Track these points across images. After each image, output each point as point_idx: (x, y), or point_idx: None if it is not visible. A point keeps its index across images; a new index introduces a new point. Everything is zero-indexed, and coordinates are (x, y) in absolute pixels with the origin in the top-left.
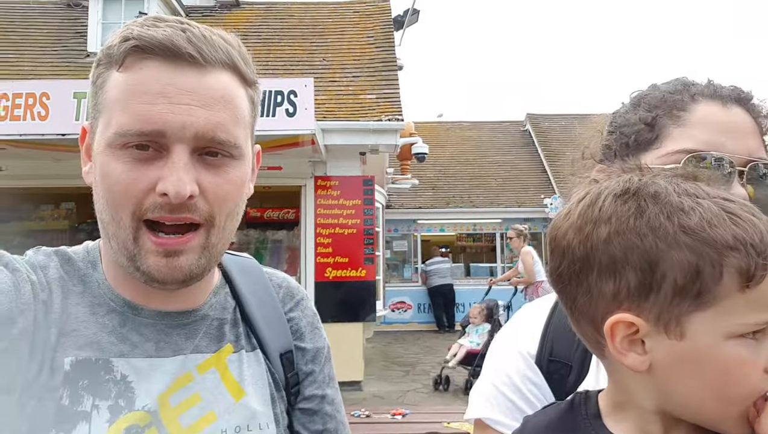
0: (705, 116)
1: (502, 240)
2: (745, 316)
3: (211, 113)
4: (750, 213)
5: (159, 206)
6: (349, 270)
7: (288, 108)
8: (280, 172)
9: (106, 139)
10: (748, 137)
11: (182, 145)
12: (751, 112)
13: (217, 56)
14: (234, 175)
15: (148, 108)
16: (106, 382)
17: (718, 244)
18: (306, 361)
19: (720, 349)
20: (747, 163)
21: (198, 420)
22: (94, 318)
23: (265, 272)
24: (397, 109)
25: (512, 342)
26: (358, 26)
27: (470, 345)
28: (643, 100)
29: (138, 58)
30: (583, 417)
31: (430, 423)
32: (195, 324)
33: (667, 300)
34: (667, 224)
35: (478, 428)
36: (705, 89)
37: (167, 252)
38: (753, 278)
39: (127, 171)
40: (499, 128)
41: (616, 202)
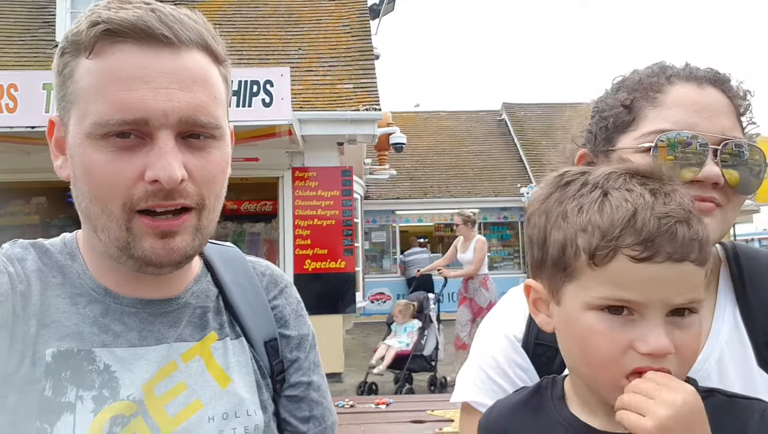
0: (680, 97)
1: (480, 230)
2: (596, 290)
3: (191, 95)
4: (630, 203)
5: (151, 194)
6: (328, 262)
7: (264, 98)
8: (256, 164)
9: (84, 130)
10: (721, 116)
11: (166, 130)
12: (726, 93)
13: (189, 35)
14: (217, 155)
15: (128, 94)
16: (90, 373)
17: (576, 227)
18: (291, 349)
19: (579, 317)
20: (720, 141)
21: (184, 408)
22: (75, 308)
23: (249, 260)
24: (374, 98)
25: (499, 326)
26: (334, 15)
27: (399, 346)
28: (622, 84)
29: (109, 42)
30: (548, 398)
31: (415, 411)
32: (177, 312)
33: (550, 271)
34: (556, 209)
35: (464, 411)
36: (681, 71)
37: (163, 233)
38: (595, 257)
39: (111, 161)
40: (476, 118)
41: (544, 186)
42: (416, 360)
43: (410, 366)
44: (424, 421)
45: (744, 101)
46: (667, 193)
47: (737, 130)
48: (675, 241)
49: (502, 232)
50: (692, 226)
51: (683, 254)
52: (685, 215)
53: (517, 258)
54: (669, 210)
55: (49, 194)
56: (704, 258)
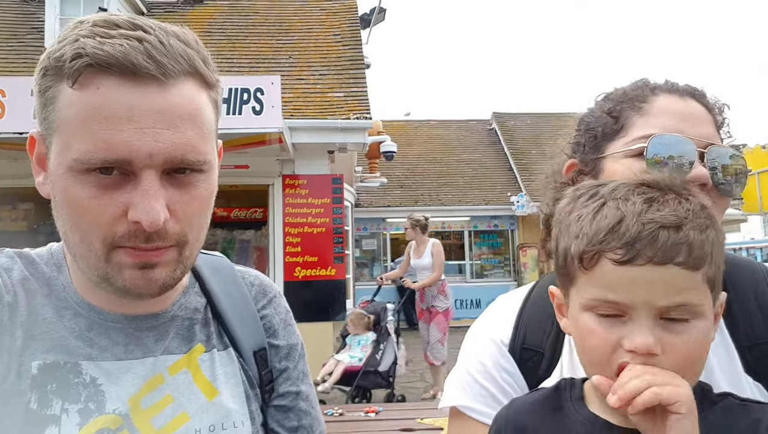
0: (665, 106)
1: (470, 238)
2: (588, 292)
3: (179, 134)
4: (621, 211)
5: (133, 234)
6: (318, 270)
7: (254, 106)
8: (247, 171)
9: (66, 162)
10: (704, 125)
11: (150, 170)
12: (705, 105)
13: (178, 67)
14: (203, 188)
15: (112, 134)
16: (76, 385)
17: (572, 234)
18: (280, 358)
19: (579, 318)
20: (706, 146)
21: (171, 421)
22: (61, 321)
23: (237, 270)
24: (365, 107)
25: (486, 331)
26: (325, 24)
27: (350, 361)
28: (607, 98)
29: (93, 75)
30: (567, 398)
31: (404, 419)
32: (164, 325)
33: (561, 278)
34: (566, 219)
35: (453, 416)
36: (663, 85)
37: (143, 264)
38: (583, 260)
39: (93, 197)
40: (466, 126)
41: (566, 199)
42: (369, 376)
43: (361, 382)
44: (414, 430)
45: (720, 116)
46: (666, 201)
47: (718, 139)
48: (655, 245)
49: (493, 241)
50: (682, 231)
51: (665, 257)
52: (675, 221)
53: (507, 267)
54: (657, 216)
55: (36, 200)
56: (696, 262)
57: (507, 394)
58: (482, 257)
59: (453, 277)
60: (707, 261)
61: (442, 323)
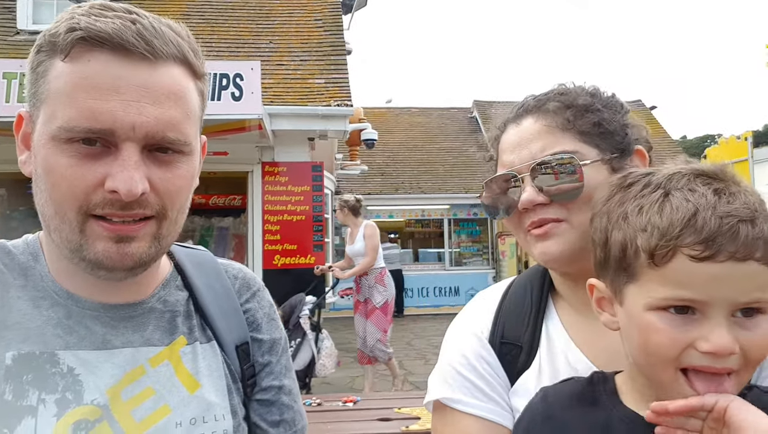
0: (505, 144)
1: (450, 226)
2: (657, 291)
3: (162, 110)
4: (692, 203)
5: (108, 202)
6: (297, 258)
7: (234, 91)
8: (225, 158)
9: (50, 131)
10: (531, 144)
11: (132, 143)
12: (540, 118)
13: (167, 50)
14: (184, 170)
15: (98, 104)
16: (53, 376)
17: (635, 227)
18: (262, 352)
19: (642, 317)
20: (529, 167)
21: (152, 413)
22: (38, 311)
23: (220, 263)
24: (346, 94)
25: (467, 325)
26: (306, 9)
27: None
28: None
29: (85, 49)
30: (601, 392)
31: (382, 409)
32: (142, 316)
33: (612, 272)
34: (618, 210)
35: (437, 410)
36: (513, 114)
37: (118, 237)
38: (655, 256)
39: (72, 166)
40: (447, 114)
41: (606, 187)
42: None
43: None
44: (391, 419)
45: (567, 110)
46: (733, 192)
47: (557, 145)
48: (737, 240)
49: (472, 229)
50: (757, 225)
51: (746, 253)
52: (749, 214)
53: (486, 254)
54: (732, 209)
55: (9, 186)
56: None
57: (489, 384)
58: (461, 245)
59: (432, 265)
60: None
61: (380, 321)
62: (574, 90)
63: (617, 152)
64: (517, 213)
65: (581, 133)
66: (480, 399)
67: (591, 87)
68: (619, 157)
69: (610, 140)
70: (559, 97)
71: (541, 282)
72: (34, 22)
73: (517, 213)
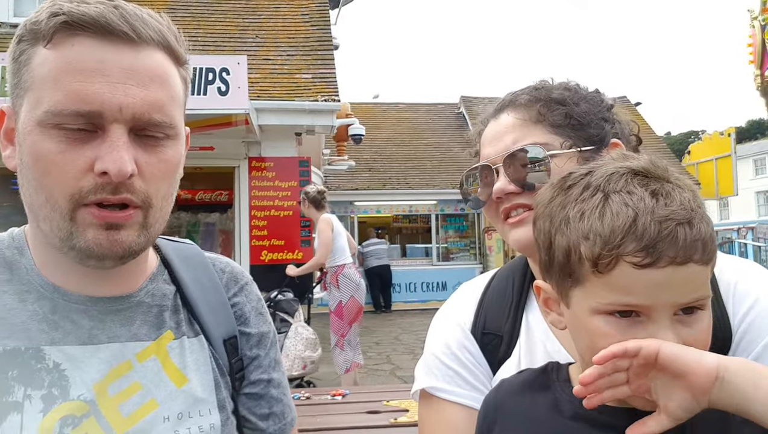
0: (485, 137)
1: (437, 221)
2: (602, 296)
3: (148, 92)
4: (631, 208)
5: (100, 187)
6: (285, 253)
7: (220, 86)
8: (212, 153)
9: (36, 117)
10: (505, 137)
11: (119, 125)
12: (514, 112)
13: (150, 34)
14: (170, 154)
15: (85, 86)
16: (38, 371)
17: (578, 234)
18: (251, 346)
19: (588, 321)
20: (501, 158)
21: (139, 408)
22: (23, 305)
23: (208, 257)
24: (333, 89)
25: (450, 316)
26: (293, 3)
27: None
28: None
29: (68, 34)
30: (554, 380)
31: (371, 402)
32: (130, 310)
33: (557, 275)
34: (560, 213)
35: (422, 398)
36: (492, 110)
37: (108, 225)
38: (598, 265)
39: (61, 151)
40: (435, 110)
41: (548, 188)
42: None
43: None
44: (380, 412)
45: (538, 104)
46: (668, 192)
47: (528, 137)
48: (676, 245)
49: (459, 224)
50: (694, 226)
51: (686, 256)
52: (686, 215)
53: (473, 249)
54: (670, 212)
55: None
56: (709, 256)
57: (472, 373)
58: (449, 240)
59: (420, 260)
60: (714, 253)
61: (335, 324)
62: (551, 85)
63: (590, 144)
64: (493, 202)
65: (553, 125)
66: (463, 388)
67: (572, 83)
68: (593, 149)
69: (582, 132)
70: (533, 92)
71: (522, 273)
72: (15, 15)
73: (493, 202)
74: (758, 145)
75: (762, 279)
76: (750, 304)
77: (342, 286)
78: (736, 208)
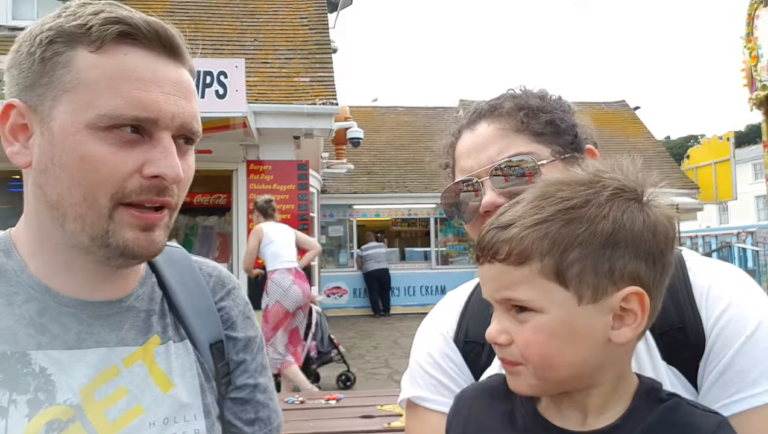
0: (461, 150)
1: (436, 225)
2: None
3: (190, 104)
4: (496, 218)
5: (146, 189)
6: None
7: (218, 89)
8: (209, 156)
9: (86, 119)
10: (487, 148)
11: (168, 132)
12: (495, 121)
13: (184, 52)
14: (192, 160)
15: (143, 94)
16: (24, 376)
17: None
18: (237, 351)
19: None
20: (489, 171)
21: (125, 414)
22: (10, 308)
23: (195, 261)
24: (331, 92)
25: (434, 325)
26: (291, 6)
27: None
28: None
29: (120, 42)
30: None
31: (364, 406)
32: (119, 315)
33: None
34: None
35: (408, 408)
36: (466, 120)
37: (146, 225)
38: None
39: (113, 153)
40: (434, 114)
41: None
42: None
43: None
44: (374, 416)
45: (536, 113)
46: (538, 206)
47: (512, 147)
48: (481, 244)
49: (458, 228)
50: (505, 232)
51: (491, 256)
52: (507, 222)
53: (472, 253)
54: (498, 220)
55: None
56: (515, 259)
57: (455, 382)
58: (447, 244)
59: (419, 264)
60: (523, 260)
61: (263, 327)
62: (525, 93)
63: (570, 151)
64: (480, 217)
65: (535, 133)
66: (446, 396)
67: (539, 90)
68: (572, 156)
69: (562, 139)
70: (512, 99)
71: None
72: (14, 18)
73: (479, 217)
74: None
75: (735, 283)
76: (723, 308)
77: (270, 291)
78: (735, 212)
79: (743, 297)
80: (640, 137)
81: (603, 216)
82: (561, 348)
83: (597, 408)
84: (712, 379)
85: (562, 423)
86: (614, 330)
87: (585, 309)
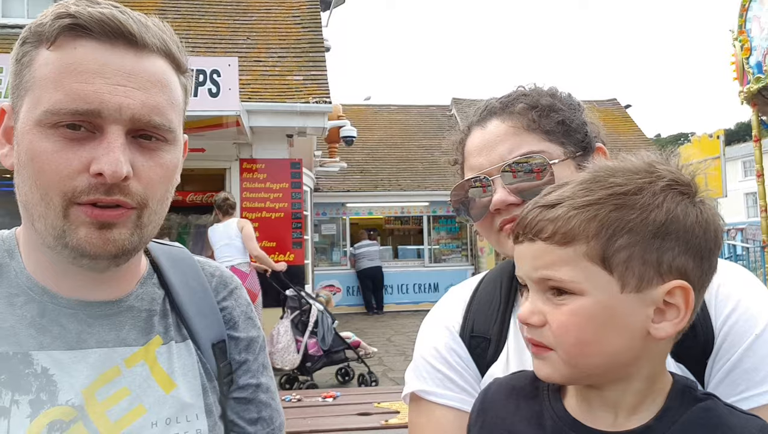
0: (471, 147)
1: (429, 223)
2: None
3: (148, 96)
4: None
5: (93, 187)
6: (276, 255)
7: (211, 88)
8: (202, 154)
9: (35, 117)
10: (498, 146)
11: (118, 126)
12: (506, 119)
13: (153, 40)
14: (167, 159)
15: (84, 86)
16: (26, 376)
17: None
18: (239, 350)
19: None
20: (500, 169)
21: (127, 414)
22: (11, 309)
23: (197, 261)
24: (324, 91)
25: (440, 319)
26: (284, 5)
27: None
28: (457, 140)
29: (72, 36)
30: (543, 388)
31: (361, 404)
32: (120, 315)
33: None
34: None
35: (412, 402)
36: (477, 117)
37: (101, 223)
38: None
39: (57, 150)
40: (426, 112)
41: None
42: None
43: None
44: (371, 413)
45: (532, 111)
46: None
47: (524, 145)
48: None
49: (451, 225)
50: (551, 211)
51: (533, 234)
52: (553, 201)
53: (465, 251)
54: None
55: None
56: (560, 239)
57: (461, 376)
58: (440, 242)
59: (412, 262)
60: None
61: None
62: (536, 91)
63: (580, 150)
64: (489, 214)
65: (546, 132)
66: (452, 390)
67: (549, 88)
68: (583, 155)
69: (573, 138)
70: (523, 98)
71: (510, 276)
72: (4, 16)
73: (489, 214)
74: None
75: (744, 282)
76: (732, 307)
77: None
78: (725, 209)
79: (752, 296)
80: (631, 135)
81: (656, 205)
82: (597, 334)
83: (630, 408)
84: (720, 377)
85: (593, 423)
86: (654, 324)
87: (627, 298)
